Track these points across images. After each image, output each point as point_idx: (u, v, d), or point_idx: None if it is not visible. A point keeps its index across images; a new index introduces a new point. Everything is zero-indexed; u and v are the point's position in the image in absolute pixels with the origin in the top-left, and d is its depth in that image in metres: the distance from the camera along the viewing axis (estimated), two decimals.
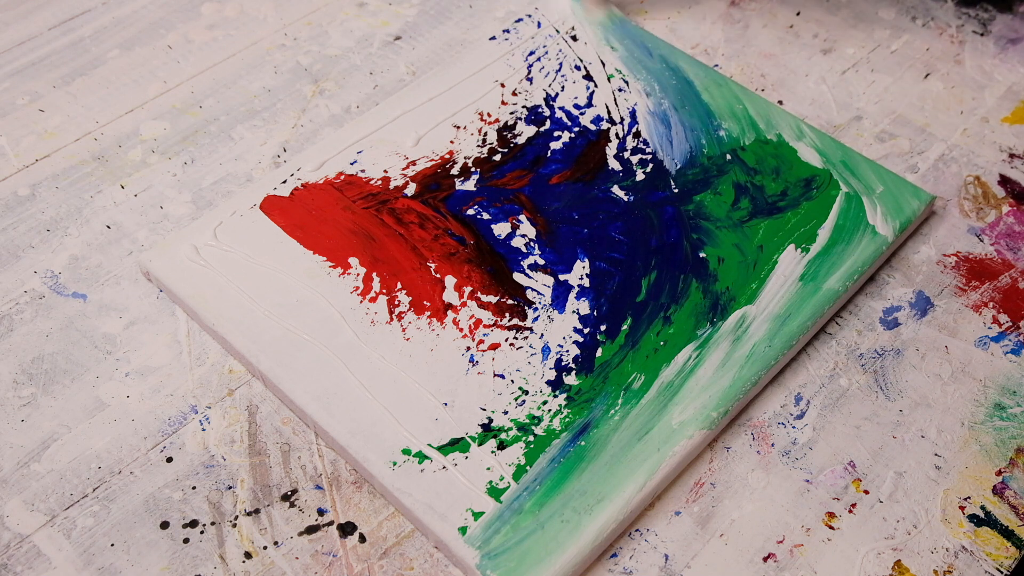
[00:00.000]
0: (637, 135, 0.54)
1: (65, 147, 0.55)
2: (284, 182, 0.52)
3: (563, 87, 0.57)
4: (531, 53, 0.59)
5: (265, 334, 0.45)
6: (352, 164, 0.53)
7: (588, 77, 0.58)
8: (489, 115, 0.55)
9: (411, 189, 0.51)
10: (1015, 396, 0.46)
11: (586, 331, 0.46)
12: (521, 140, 0.54)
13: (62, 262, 0.50)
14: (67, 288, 0.49)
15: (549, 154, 0.53)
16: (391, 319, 0.46)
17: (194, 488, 0.42)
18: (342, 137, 0.54)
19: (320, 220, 0.50)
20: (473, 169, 0.53)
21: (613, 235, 0.50)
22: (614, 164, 0.53)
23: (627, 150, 0.54)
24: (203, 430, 0.44)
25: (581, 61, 0.59)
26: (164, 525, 0.41)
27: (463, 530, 0.40)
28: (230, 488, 0.42)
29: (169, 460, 0.43)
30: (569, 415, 0.43)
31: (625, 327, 0.46)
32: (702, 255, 0.49)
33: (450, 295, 0.47)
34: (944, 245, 0.52)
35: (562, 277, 0.48)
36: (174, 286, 0.47)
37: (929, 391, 0.46)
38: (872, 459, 0.44)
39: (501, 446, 0.42)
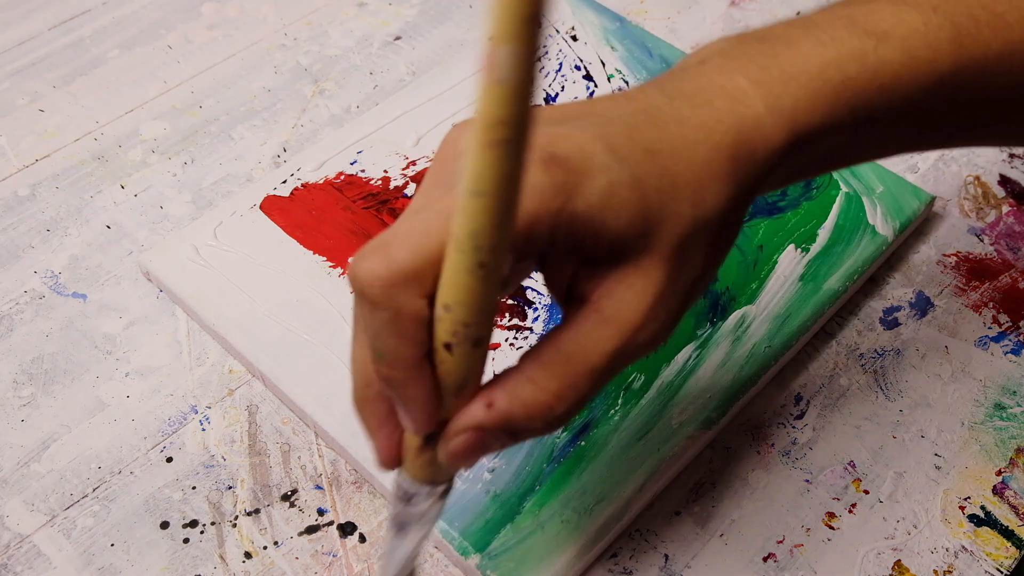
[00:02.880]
0: None
1: (65, 147, 0.55)
2: (284, 182, 0.52)
3: (563, 87, 0.57)
4: None
5: (265, 334, 0.45)
6: (352, 164, 0.53)
7: (588, 77, 0.58)
8: None
9: (411, 189, 0.51)
10: (1015, 396, 0.46)
11: None
12: None
13: (62, 262, 0.50)
14: (67, 288, 0.49)
15: None
16: None
17: (194, 488, 0.42)
18: (342, 137, 0.54)
19: (320, 220, 0.50)
20: None
21: None
22: None
23: None
24: (203, 430, 0.44)
25: (581, 61, 0.59)
26: (164, 525, 0.41)
27: (463, 531, 0.40)
28: (230, 488, 0.42)
29: (169, 460, 0.43)
30: None
31: None
32: None
33: None
34: (944, 245, 0.52)
35: None
36: (174, 286, 0.47)
37: (929, 391, 0.46)
38: (872, 459, 0.44)
39: None
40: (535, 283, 0.48)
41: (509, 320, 0.46)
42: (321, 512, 0.42)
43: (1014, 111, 0.35)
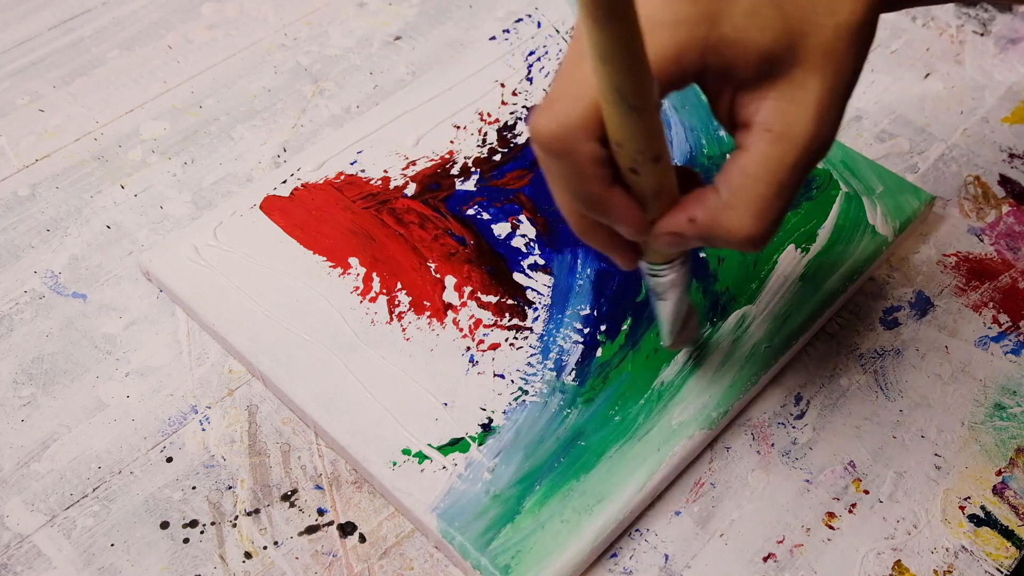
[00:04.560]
0: None
1: (65, 147, 0.55)
2: (284, 182, 0.52)
3: None
4: (531, 53, 0.59)
5: (265, 334, 0.45)
6: (352, 164, 0.53)
7: None
8: (489, 115, 0.55)
9: (411, 189, 0.51)
10: (1015, 396, 0.46)
11: (586, 331, 0.46)
12: (521, 140, 0.54)
13: (62, 262, 0.50)
14: (67, 288, 0.49)
15: None
16: (391, 319, 0.46)
17: (194, 488, 0.42)
18: (342, 137, 0.54)
19: (320, 220, 0.50)
20: (473, 169, 0.53)
21: None
22: None
23: None
24: (203, 430, 0.44)
25: None
26: (164, 525, 0.41)
27: (463, 531, 0.40)
28: (230, 488, 0.42)
29: (169, 460, 0.43)
30: (569, 415, 0.43)
31: (625, 327, 0.46)
32: (702, 255, 0.49)
33: (450, 295, 0.47)
34: (944, 245, 0.52)
35: (562, 277, 0.48)
36: (174, 286, 0.47)
37: (929, 391, 0.46)
38: (872, 459, 0.44)
39: None
40: (535, 283, 0.48)
41: (509, 320, 0.46)
42: (321, 512, 0.42)
43: None
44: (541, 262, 0.49)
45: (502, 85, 0.57)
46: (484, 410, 0.43)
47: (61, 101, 0.58)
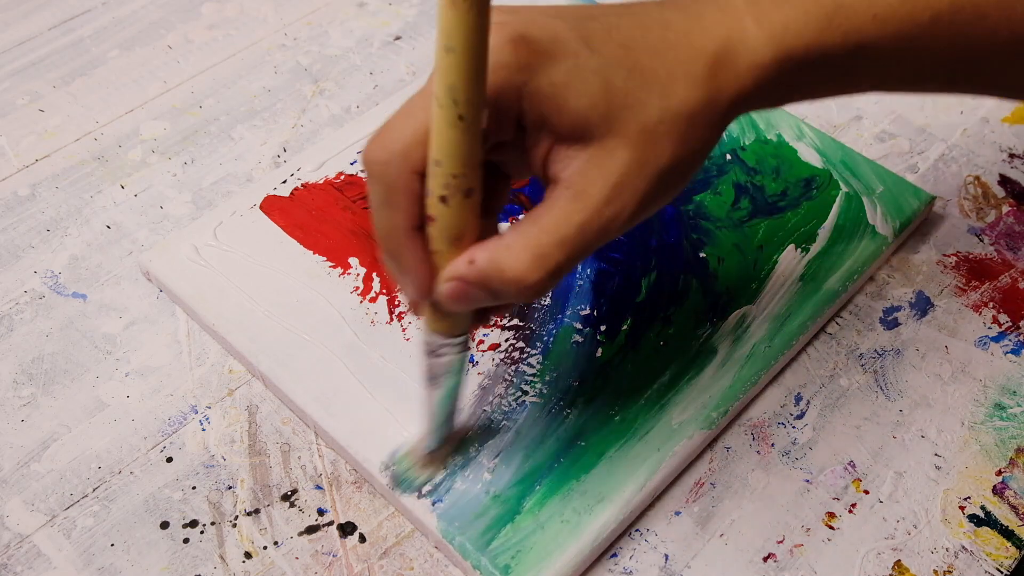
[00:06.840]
0: None
1: (65, 147, 0.55)
2: (284, 182, 0.52)
3: None
4: None
5: (265, 334, 0.45)
6: (352, 164, 0.53)
7: None
8: None
9: None
10: (1015, 396, 0.46)
11: (586, 331, 0.46)
12: None
13: (62, 262, 0.50)
14: (67, 288, 0.49)
15: None
16: (391, 319, 0.46)
17: (194, 488, 0.42)
18: (342, 137, 0.54)
19: (320, 220, 0.50)
20: None
21: None
22: None
23: None
24: (203, 430, 0.44)
25: None
26: (164, 525, 0.41)
27: (463, 531, 0.40)
28: (230, 488, 0.42)
29: (169, 460, 0.43)
30: (569, 415, 0.43)
31: (625, 327, 0.46)
32: (702, 255, 0.49)
33: None
34: (944, 245, 0.52)
35: None
36: (174, 286, 0.47)
37: (929, 391, 0.46)
38: (872, 459, 0.44)
39: None
40: None
41: (509, 320, 0.46)
42: (321, 512, 0.42)
43: (1016, 60, 0.35)
44: None
45: None
46: (484, 410, 0.43)
47: (61, 101, 0.58)
